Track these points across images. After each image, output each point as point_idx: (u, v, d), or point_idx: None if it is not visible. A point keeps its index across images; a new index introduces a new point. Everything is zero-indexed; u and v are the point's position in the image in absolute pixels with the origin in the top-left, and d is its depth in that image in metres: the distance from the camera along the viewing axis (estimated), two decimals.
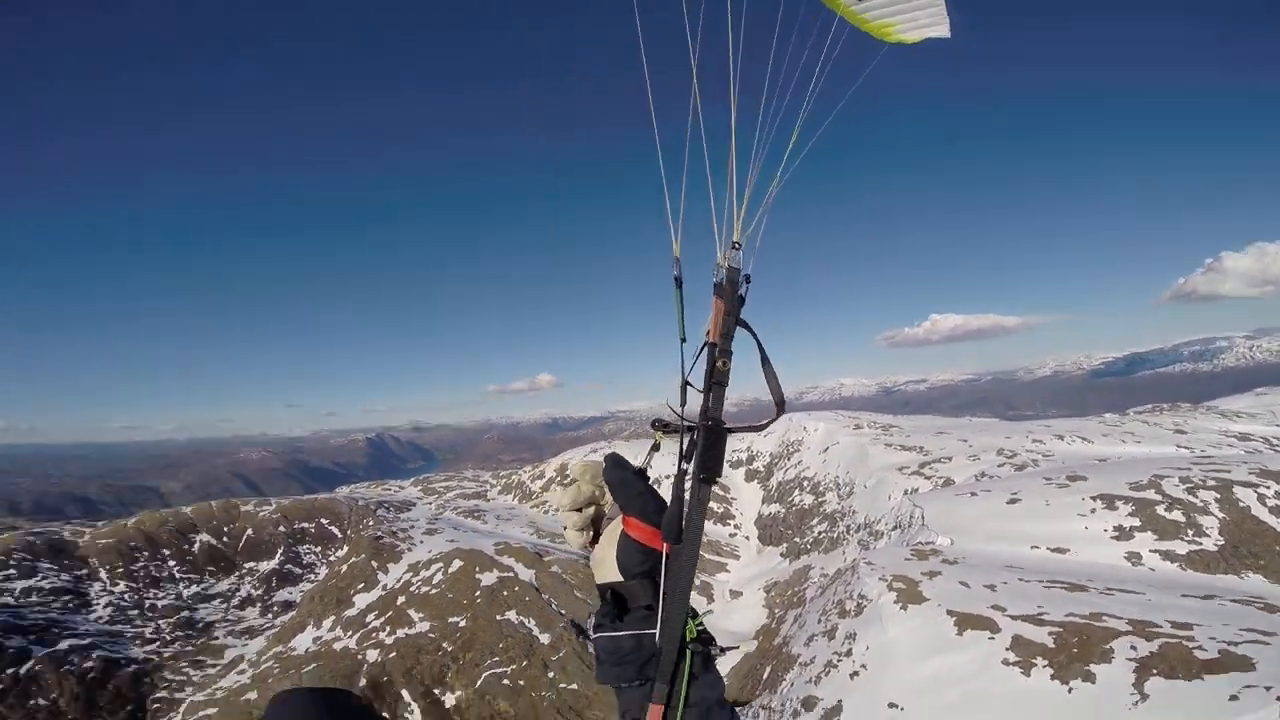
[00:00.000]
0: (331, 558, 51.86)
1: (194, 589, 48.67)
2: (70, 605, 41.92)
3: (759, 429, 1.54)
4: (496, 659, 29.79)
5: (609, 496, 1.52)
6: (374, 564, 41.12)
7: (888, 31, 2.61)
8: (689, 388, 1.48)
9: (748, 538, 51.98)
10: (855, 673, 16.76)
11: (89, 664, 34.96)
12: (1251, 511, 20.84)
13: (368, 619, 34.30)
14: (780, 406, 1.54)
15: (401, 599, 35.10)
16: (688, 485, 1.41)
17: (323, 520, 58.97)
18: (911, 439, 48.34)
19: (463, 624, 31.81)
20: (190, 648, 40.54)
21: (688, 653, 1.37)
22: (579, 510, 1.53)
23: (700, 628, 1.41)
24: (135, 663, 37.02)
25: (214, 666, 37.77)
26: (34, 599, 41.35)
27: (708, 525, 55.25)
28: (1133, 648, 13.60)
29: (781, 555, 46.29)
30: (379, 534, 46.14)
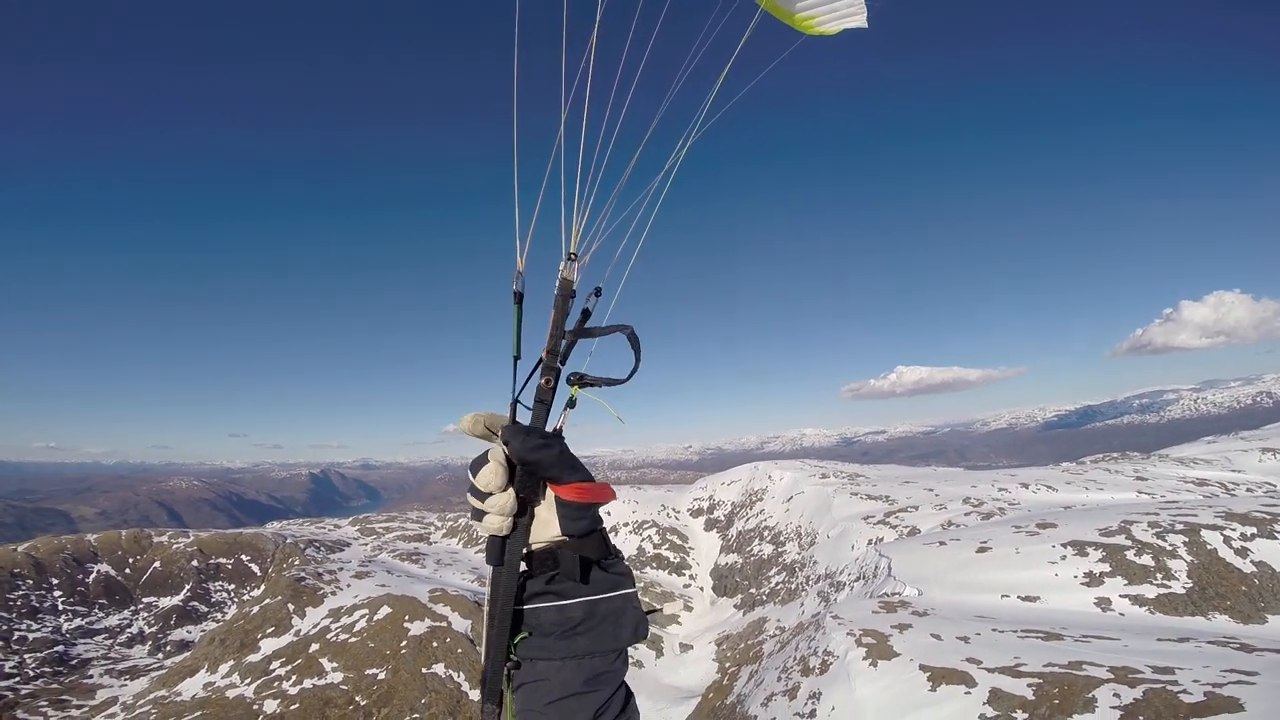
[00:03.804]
0: (245, 597, 47.99)
1: (77, 622, 44.64)
2: None
3: (618, 382, 1.47)
4: (417, 716, 26.59)
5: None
6: (290, 607, 37.36)
7: (810, 23, 2.60)
8: (520, 406, 1.39)
9: (702, 588, 49.68)
10: None
11: None
12: (1219, 554, 20.38)
13: (272, 666, 30.62)
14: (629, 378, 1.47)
15: (315, 646, 31.53)
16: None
17: (243, 557, 55.15)
18: (878, 488, 47.43)
19: (382, 676, 28.44)
20: (56, 685, 36.57)
21: (507, 673, 1.30)
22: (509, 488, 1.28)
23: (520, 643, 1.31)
24: None
25: (79, 708, 33.78)
26: None
27: (663, 575, 52.51)
28: (1116, 695, 12.51)
29: (735, 607, 44.12)
30: (302, 575, 42.31)
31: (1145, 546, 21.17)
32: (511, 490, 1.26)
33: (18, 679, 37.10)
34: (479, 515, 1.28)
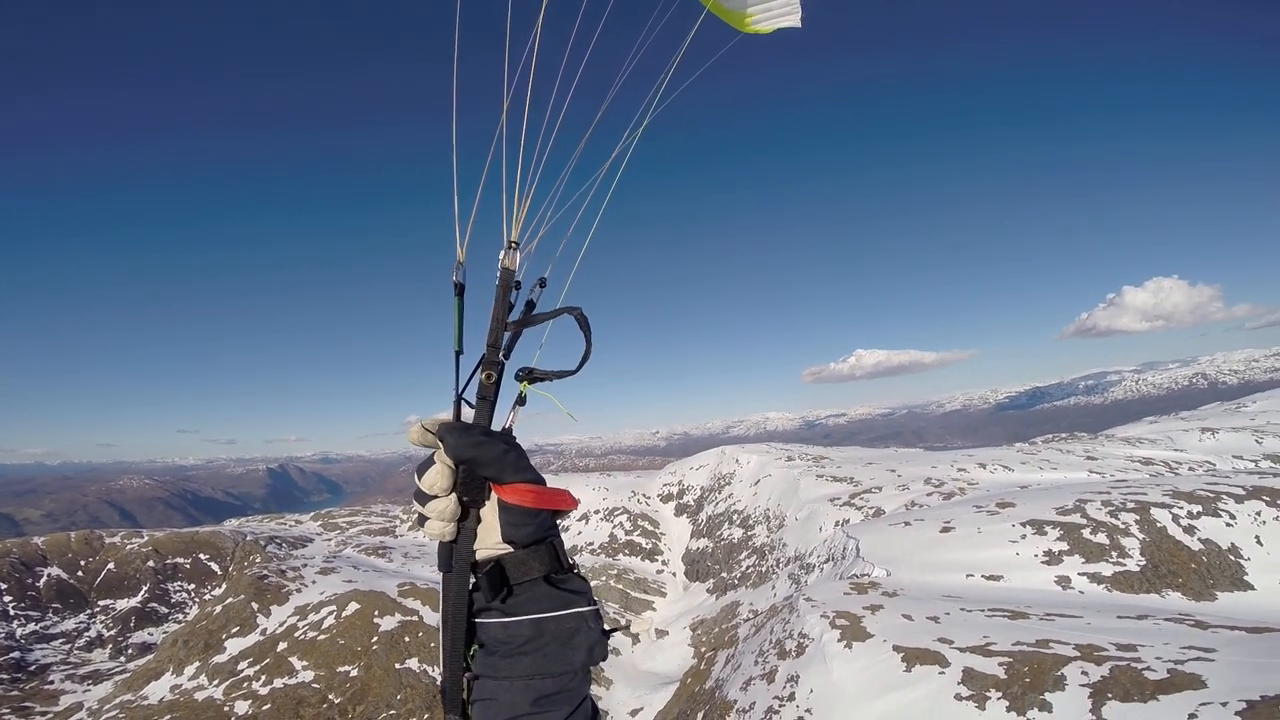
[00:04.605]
0: (206, 597, 46.68)
1: (31, 627, 43.58)
2: None
3: (569, 373, 1.42)
4: (393, 712, 26.30)
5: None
6: (254, 605, 36.37)
7: (746, 21, 2.61)
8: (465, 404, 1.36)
9: (674, 574, 50.21)
10: (800, 718, 15.50)
11: None
12: (1168, 532, 21.43)
13: (240, 666, 29.88)
14: (577, 367, 1.41)
15: (283, 645, 30.84)
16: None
17: (201, 555, 53.33)
18: (842, 470, 48.48)
19: (354, 673, 28.02)
20: (16, 692, 35.63)
21: (467, 682, 1.24)
22: (453, 492, 1.21)
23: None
24: None
25: (44, 715, 32.93)
26: None
27: (636, 561, 52.84)
28: (1084, 673, 13.08)
29: (708, 591, 44.76)
30: (264, 572, 41.24)
31: (1100, 525, 22.19)
32: (454, 494, 1.19)
33: None
34: (422, 520, 1.21)
